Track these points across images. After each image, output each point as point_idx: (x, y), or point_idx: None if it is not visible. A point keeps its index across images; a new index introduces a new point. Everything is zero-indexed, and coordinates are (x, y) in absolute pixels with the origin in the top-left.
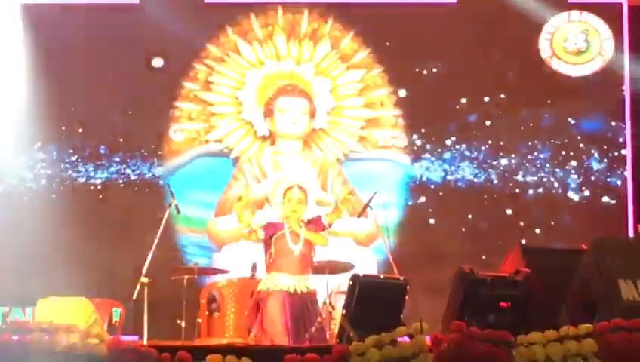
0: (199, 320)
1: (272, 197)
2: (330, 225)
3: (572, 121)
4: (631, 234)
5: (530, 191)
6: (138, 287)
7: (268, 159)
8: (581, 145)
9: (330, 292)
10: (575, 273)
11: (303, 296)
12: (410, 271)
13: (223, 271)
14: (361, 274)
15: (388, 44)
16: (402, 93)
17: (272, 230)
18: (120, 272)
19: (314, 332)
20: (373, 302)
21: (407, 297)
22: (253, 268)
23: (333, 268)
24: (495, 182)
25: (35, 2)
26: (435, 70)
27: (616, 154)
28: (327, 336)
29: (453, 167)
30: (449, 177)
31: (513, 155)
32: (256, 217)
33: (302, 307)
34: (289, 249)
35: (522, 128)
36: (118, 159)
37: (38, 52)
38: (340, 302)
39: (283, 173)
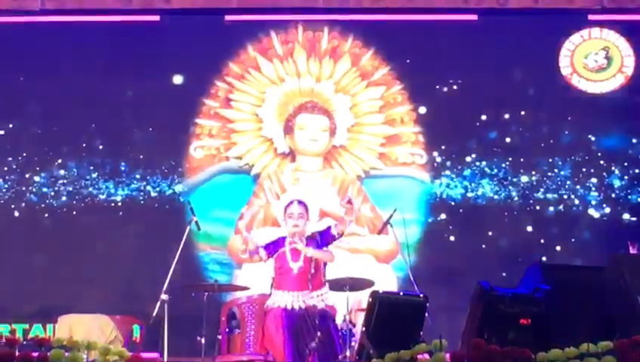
0: (219, 337)
1: (279, 216)
2: (340, 235)
3: (592, 138)
4: None
5: (551, 209)
6: (158, 304)
7: (288, 176)
8: (602, 162)
9: (350, 309)
10: (595, 290)
11: (301, 312)
12: (430, 288)
13: (243, 288)
14: (380, 291)
15: (408, 61)
16: (422, 110)
17: (272, 249)
18: (140, 289)
19: (314, 347)
20: (393, 319)
21: (426, 314)
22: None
23: (353, 284)
24: (515, 199)
25: (56, 20)
26: (455, 87)
27: (637, 171)
28: (334, 352)
29: (473, 184)
30: (469, 194)
31: (533, 172)
32: (257, 236)
33: (299, 323)
34: (288, 266)
35: (542, 145)
36: (138, 176)
37: (59, 68)
38: (360, 318)
39: (286, 194)
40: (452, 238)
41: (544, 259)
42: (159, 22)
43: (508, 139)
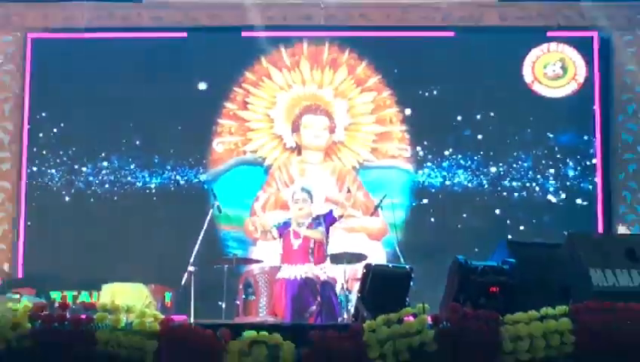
0: (237, 302)
1: (288, 200)
2: (340, 217)
3: (550, 135)
4: (600, 230)
5: (516, 195)
6: (186, 275)
7: (295, 167)
8: (558, 155)
9: (348, 279)
10: (553, 263)
11: (302, 281)
12: (414, 261)
13: (257, 261)
14: (373, 264)
15: (396, 70)
16: (408, 111)
17: (282, 229)
18: (171, 262)
19: (313, 311)
20: (384, 287)
21: (411, 283)
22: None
23: (349, 258)
24: (486, 186)
25: (100, 36)
26: (435, 92)
27: (587, 163)
28: (334, 315)
29: (450, 174)
30: (447, 182)
31: (501, 164)
32: (270, 218)
33: (300, 290)
34: (290, 243)
35: (508, 141)
36: (169, 167)
37: (102, 76)
38: (355, 287)
39: (300, 181)
40: (432, 219)
41: (510, 237)
42: (187, 37)
43: (480, 136)
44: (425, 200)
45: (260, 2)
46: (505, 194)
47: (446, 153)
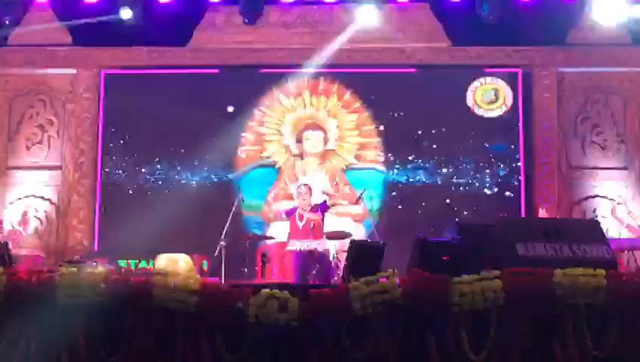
0: (256, 268)
1: (293, 193)
2: (332, 206)
3: (487, 145)
4: (523, 215)
5: (461, 188)
6: (218, 248)
7: (299, 169)
8: (492, 160)
9: (337, 251)
10: (489, 239)
11: (306, 253)
12: (386, 238)
13: (271, 238)
14: (356, 240)
15: (373, 97)
16: (382, 127)
17: (290, 213)
18: (207, 238)
19: (314, 274)
20: (364, 257)
21: (384, 254)
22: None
23: (339, 235)
24: (439, 182)
25: (156, 71)
26: (402, 113)
27: (514, 165)
28: (328, 277)
29: (413, 174)
30: (411, 180)
31: (450, 166)
32: (280, 205)
33: (304, 259)
34: (296, 224)
35: (456, 149)
36: (206, 168)
37: (156, 101)
38: (343, 257)
39: (302, 179)
40: (400, 207)
41: (457, 220)
42: (219, 73)
43: (434, 146)
44: (394, 193)
45: (271, 47)
46: (453, 188)
47: (410, 158)
